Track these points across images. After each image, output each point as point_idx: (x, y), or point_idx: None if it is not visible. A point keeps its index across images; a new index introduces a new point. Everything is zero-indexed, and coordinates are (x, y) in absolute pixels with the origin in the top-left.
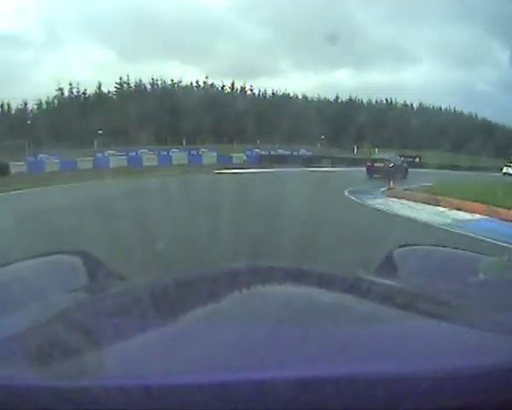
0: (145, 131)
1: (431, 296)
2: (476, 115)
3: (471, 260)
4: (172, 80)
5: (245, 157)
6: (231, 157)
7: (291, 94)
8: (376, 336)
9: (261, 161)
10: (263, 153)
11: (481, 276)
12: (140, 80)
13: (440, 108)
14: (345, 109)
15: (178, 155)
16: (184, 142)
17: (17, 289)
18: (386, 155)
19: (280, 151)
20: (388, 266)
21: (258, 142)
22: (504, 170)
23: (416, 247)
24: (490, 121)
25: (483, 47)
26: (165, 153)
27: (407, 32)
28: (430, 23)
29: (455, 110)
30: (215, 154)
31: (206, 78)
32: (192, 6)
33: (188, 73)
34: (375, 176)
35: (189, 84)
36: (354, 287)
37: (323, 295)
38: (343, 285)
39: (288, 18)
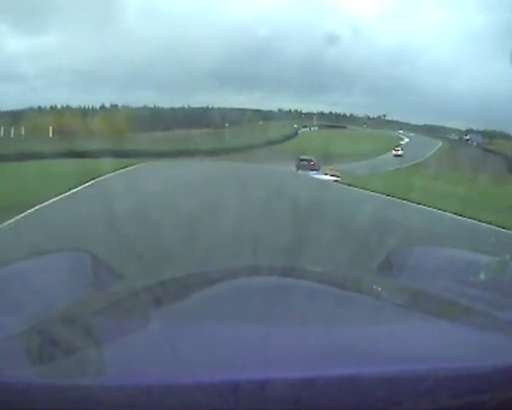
0: None
1: (431, 296)
2: None
3: (471, 259)
4: None
5: None
6: None
7: None
8: (377, 335)
9: None
10: None
11: (481, 276)
12: None
13: None
14: None
15: None
16: None
17: (18, 287)
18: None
19: None
20: (388, 265)
21: None
22: (394, 153)
23: (416, 247)
24: None
25: None
26: None
27: None
28: None
29: None
30: None
31: None
32: None
33: None
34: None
35: None
36: (354, 287)
37: (324, 295)
38: (343, 285)
39: None
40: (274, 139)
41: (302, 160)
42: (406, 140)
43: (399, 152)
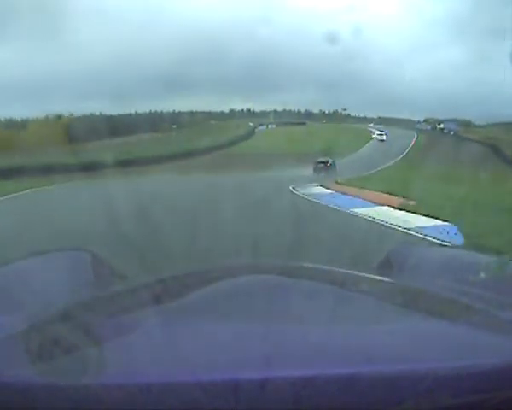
0: None
1: (431, 296)
2: None
3: (471, 259)
4: None
5: None
6: None
7: None
8: (377, 335)
9: None
10: None
11: (481, 275)
12: None
13: None
14: None
15: None
16: None
17: (18, 287)
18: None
19: None
20: (388, 265)
21: None
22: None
23: (416, 246)
24: None
25: None
26: None
27: None
28: None
29: None
30: None
31: None
32: None
33: None
34: None
35: None
36: (354, 286)
37: (323, 294)
38: (343, 284)
39: None
40: (228, 141)
41: (319, 162)
42: (378, 132)
43: (383, 137)
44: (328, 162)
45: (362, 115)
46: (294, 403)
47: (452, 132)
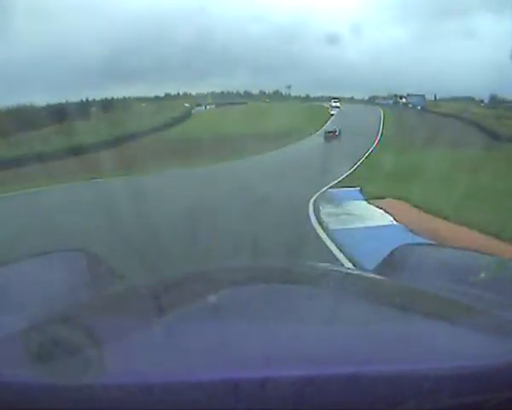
0: None
1: (431, 296)
2: None
3: (471, 259)
4: None
5: None
6: None
7: None
8: (377, 335)
9: None
10: None
11: (482, 275)
12: None
13: None
14: None
15: None
16: None
17: (17, 287)
18: None
19: None
20: (388, 265)
21: None
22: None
23: (416, 246)
24: None
25: None
26: None
27: None
28: None
29: None
30: None
31: None
32: None
33: None
34: None
35: None
36: (354, 286)
37: (324, 294)
38: (343, 284)
39: None
40: (160, 124)
41: (328, 132)
42: (336, 110)
43: (338, 104)
44: (336, 131)
45: (305, 95)
46: (294, 403)
47: (419, 107)
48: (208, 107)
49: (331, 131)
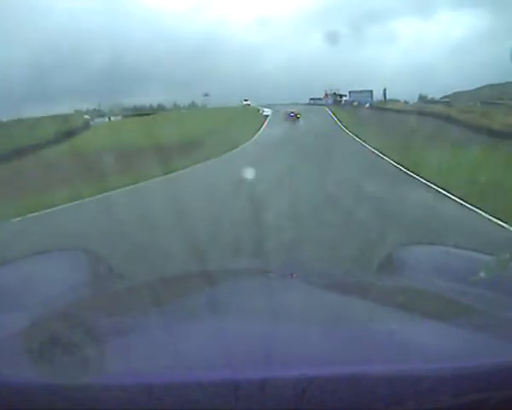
0: None
1: (431, 296)
2: None
3: (471, 259)
4: None
5: None
6: None
7: None
8: (377, 335)
9: None
10: None
11: (482, 275)
12: None
13: None
14: None
15: None
16: None
17: (19, 286)
18: None
19: None
20: (388, 265)
21: None
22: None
23: (416, 246)
24: None
25: None
26: None
27: None
28: None
29: None
30: None
31: None
32: None
33: None
34: None
35: None
36: (354, 286)
37: (324, 294)
38: (343, 284)
39: None
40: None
41: (290, 114)
42: (269, 111)
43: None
44: (297, 114)
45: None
46: (294, 403)
47: (367, 105)
48: (113, 118)
49: (292, 114)
